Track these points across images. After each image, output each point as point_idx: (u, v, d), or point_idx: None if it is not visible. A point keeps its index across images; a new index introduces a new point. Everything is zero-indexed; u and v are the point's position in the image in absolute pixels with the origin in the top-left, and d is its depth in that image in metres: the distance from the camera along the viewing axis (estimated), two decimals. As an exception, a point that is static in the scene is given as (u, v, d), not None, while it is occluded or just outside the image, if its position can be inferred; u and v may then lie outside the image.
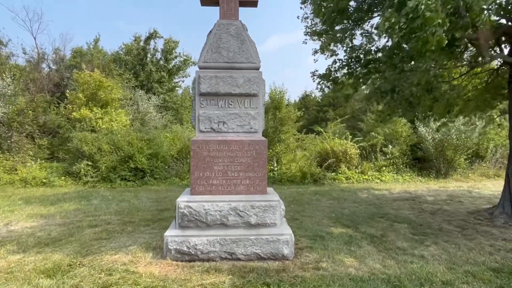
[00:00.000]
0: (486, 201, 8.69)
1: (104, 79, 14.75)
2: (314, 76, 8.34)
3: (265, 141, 4.90)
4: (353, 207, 8.08)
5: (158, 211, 7.64)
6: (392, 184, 12.11)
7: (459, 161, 13.58)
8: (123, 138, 12.12)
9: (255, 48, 5.00)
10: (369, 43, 7.17)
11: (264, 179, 4.89)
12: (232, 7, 4.96)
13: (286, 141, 13.85)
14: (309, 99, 32.26)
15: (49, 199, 9.00)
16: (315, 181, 12.22)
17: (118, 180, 11.46)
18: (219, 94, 4.88)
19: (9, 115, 13.05)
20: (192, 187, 4.82)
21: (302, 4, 9.06)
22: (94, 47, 23.43)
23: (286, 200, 8.59)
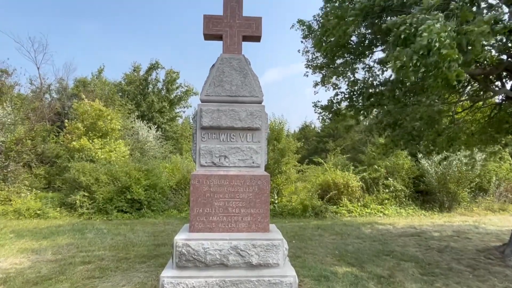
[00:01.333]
0: (495, 237, 8.41)
1: (104, 108, 14.78)
2: (316, 107, 8.33)
3: (268, 176, 4.75)
4: (357, 243, 7.79)
5: (154, 246, 7.34)
6: (396, 218, 11.81)
7: (462, 194, 13.34)
8: (121, 169, 11.94)
9: (258, 82, 4.97)
10: (371, 77, 7.19)
11: (267, 216, 4.70)
12: (235, 41, 4.98)
13: (287, 172, 13.66)
14: (308, 129, 32.35)
15: (42, 232, 8.68)
16: (316, 214, 11.92)
17: (114, 212, 11.16)
18: (221, 127, 4.79)
19: (7, 144, 12.94)
20: (191, 224, 4.62)
21: (304, 39, 9.24)
22: (98, 77, 23.79)
23: (287, 235, 8.31)
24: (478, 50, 4.48)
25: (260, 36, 5.07)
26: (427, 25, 4.19)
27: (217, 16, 5.03)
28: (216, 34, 5.00)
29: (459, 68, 4.19)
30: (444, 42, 4.01)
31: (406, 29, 4.46)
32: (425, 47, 4.05)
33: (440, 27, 4.12)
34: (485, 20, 4.15)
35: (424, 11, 4.56)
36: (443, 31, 4.05)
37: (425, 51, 4.08)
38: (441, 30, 4.03)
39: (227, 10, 5.06)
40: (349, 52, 7.69)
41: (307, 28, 8.80)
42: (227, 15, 5.05)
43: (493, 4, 5.58)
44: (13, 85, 19.24)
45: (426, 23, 4.26)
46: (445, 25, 4.26)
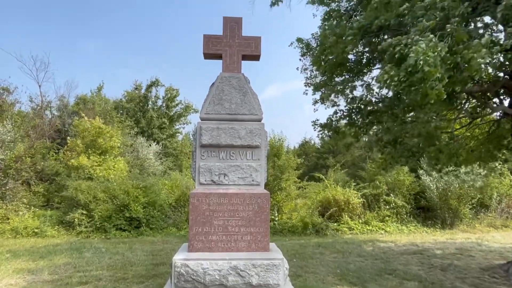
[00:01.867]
0: (498, 255, 8.29)
1: (104, 126, 14.81)
2: (315, 125, 8.36)
3: (268, 194, 4.71)
4: (359, 261, 7.67)
5: (153, 265, 7.23)
6: (397, 235, 11.68)
7: (464, 210, 13.23)
8: (119, 187, 11.87)
9: (257, 100, 5.00)
10: (369, 94, 7.25)
11: (267, 234, 4.64)
12: (234, 60, 5.04)
13: (287, 189, 13.58)
14: (308, 145, 32.40)
15: (39, 251, 8.56)
16: (317, 231, 11.79)
17: (113, 230, 11.03)
18: (221, 145, 4.79)
19: (6, 162, 12.90)
20: (190, 243, 4.55)
21: (302, 57, 9.37)
22: (98, 95, 23.97)
23: (288, 253, 8.19)
24: (474, 68, 4.55)
25: (259, 55, 5.13)
26: (417, 46, 4.32)
27: (217, 36, 5.10)
28: (215, 53, 5.06)
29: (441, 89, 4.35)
30: (429, 61, 4.14)
31: (400, 50, 4.57)
32: (412, 66, 4.19)
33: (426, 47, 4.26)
34: (482, 44, 4.24)
35: (419, 32, 4.65)
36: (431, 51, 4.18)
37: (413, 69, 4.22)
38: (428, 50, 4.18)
39: (227, 30, 5.13)
40: (348, 70, 7.79)
41: (305, 46, 8.94)
42: (227, 35, 5.12)
43: (489, 23, 5.70)
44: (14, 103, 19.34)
45: (417, 43, 4.38)
46: (436, 45, 4.38)
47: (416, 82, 4.56)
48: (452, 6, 4.89)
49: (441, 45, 4.28)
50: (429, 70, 4.26)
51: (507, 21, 5.20)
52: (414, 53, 4.20)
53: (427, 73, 4.29)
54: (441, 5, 4.85)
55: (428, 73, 4.28)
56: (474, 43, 4.43)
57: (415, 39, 4.40)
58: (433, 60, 4.27)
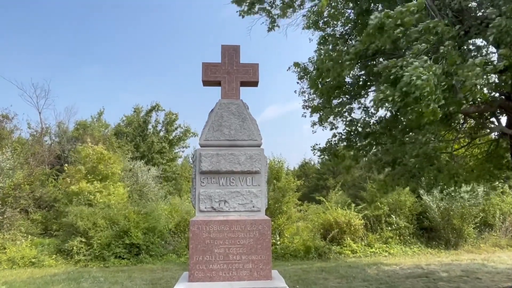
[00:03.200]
0: (505, 277, 8.11)
1: (106, 152, 14.81)
2: (314, 150, 8.37)
3: (269, 220, 4.66)
4: (363, 286, 7.50)
5: (152, 295, 7.06)
6: (402, 257, 11.47)
7: (467, 230, 13.06)
8: (119, 212, 11.74)
9: (256, 126, 5.03)
10: (367, 116, 7.31)
11: (269, 262, 4.55)
12: (233, 87, 5.10)
13: (288, 212, 13.43)
14: (308, 166, 32.31)
15: (36, 282, 8.36)
16: (319, 255, 11.58)
17: (111, 258, 10.81)
18: (221, 172, 4.77)
19: (5, 190, 12.81)
20: (191, 273, 4.45)
21: (299, 80, 9.49)
22: (98, 120, 24.11)
23: (290, 279, 8.01)
24: (468, 88, 4.62)
25: (257, 82, 5.20)
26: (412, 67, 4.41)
27: (215, 64, 5.18)
28: (214, 80, 5.13)
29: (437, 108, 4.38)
30: (422, 77, 4.21)
31: (395, 72, 4.65)
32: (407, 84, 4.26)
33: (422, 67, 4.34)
34: (476, 63, 4.32)
35: (414, 55, 4.75)
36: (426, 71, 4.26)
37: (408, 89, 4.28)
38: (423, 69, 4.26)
39: (225, 57, 5.23)
40: (345, 92, 7.88)
41: (302, 70, 9.08)
42: (225, 62, 5.20)
43: (481, 45, 5.83)
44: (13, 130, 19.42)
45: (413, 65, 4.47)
46: (431, 66, 4.46)
47: (411, 102, 4.61)
48: (445, 31, 5.01)
49: (436, 66, 4.36)
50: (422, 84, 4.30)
51: (498, 43, 5.33)
52: (408, 73, 4.28)
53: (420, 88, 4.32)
54: (435, 30, 4.97)
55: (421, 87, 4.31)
56: (468, 63, 4.51)
57: (410, 61, 4.48)
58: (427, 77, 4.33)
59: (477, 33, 5.48)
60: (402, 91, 4.54)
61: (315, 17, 8.67)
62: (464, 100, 5.16)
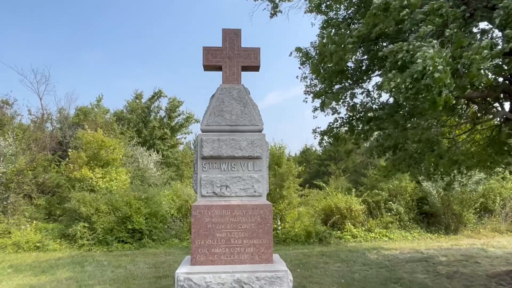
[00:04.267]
0: (505, 261, 8.20)
1: (107, 138, 14.81)
2: (315, 133, 8.34)
3: (270, 205, 4.69)
4: (364, 270, 7.59)
5: (155, 278, 7.17)
6: (402, 242, 11.58)
7: (467, 215, 13.12)
8: (121, 198, 11.83)
9: (257, 111, 5.00)
10: (369, 101, 7.25)
11: (270, 246, 4.60)
12: (234, 72, 5.05)
13: (289, 197, 13.51)
14: (309, 152, 32.33)
15: (41, 266, 8.50)
16: (320, 240, 11.70)
17: (115, 243, 10.96)
18: (222, 157, 4.77)
19: (7, 176, 12.89)
20: (193, 257, 4.51)
21: (301, 65, 9.39)
22: (97, 106, 24.05)
23: (291, 263, 8.12)
24: (474, 74, 4.55)
25: (258, 66, 5.14)
26: (422, 52, 4.30)
27: (216, 48, 5.12)
28: (215, 65, 5.08)
29: (449, 95, 4.29)
30: (438, 67, 4.11)
31: (403, 56, 4.55)
32: (420, 72, 4.15)
33: (434, 53, 4.23)
34: (483, 46, 4.24)
35: (420, 38, 4.66)
36: (438, 56, 4.15)
37: (419, 76, 4.18)
38: (435, 55, 4.13)
39: (226, 41, 5.16)
40: (347, 78, 7.80)
41: (304, 55, 8.97)
42: (226, 47, 5.14)
43: (486, 29, 5.71)
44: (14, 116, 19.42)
45: (422, 49, 4.36)
46: (440, 51, 4.36)
47: (422, 89, 4.52)
48: (450, 12, 4.90)
49: (444, 51, 4.27)
50: (440, 77, 4.21)
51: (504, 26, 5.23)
52: (421, 59, 4.16)
53: (437, 79, 4.24)
54: (439, 12, 4.86)
55: (438, 79, 4.23)
56: (475, 45, 4.42)
57: (417, 45, 4.39)
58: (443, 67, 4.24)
59: (483, 15, 5.37)
60: (413, 78, 4.44)
61: (318, 0, 8.51)
62: (468, 85, 5.10)
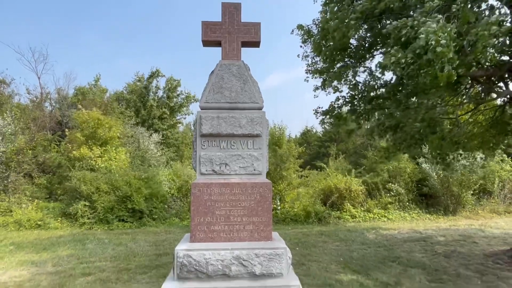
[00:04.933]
0: (502, 241, 8.27)
1: (103, 117, 14.71)
2: (317, 113, 8.25)
3: (270, 183, 4.65)
4: (362, 249, 7.66)
5: (156, 256, 7.24)
6: (400, 222, 11.67)
7: (466, 197, 13.19)
8: (121, 178, 11.85)
9: (258, 88, 4.89)
10: (372, 80, 7.12)
11: (269, 224, 4.59)
12: (234, 47, 4.92)
13: (288, 178, 13.54)
14: (310, 134, 32.26)
15: (42, 243, 8.59)
16: (319, 220, 11.79)
17: (115, 222, 11.06)
18: (221, 135, 4.70)
19: (7, 155, 12.88)
20: (192, 234, 4.51)
21: (303, 43, 9.19)
22: (95, 86, 23.81)
23: (291, 242, 8.19)
24: (480, 51, 4.43)
25: (259, 42, 5.00)
26: (426, 27, 4.18)
27: (216, 23, 4.96)
28: (214, 40, 4.94)
29: (452, 71, 4.18)
30: (441, 41, 4.00)
31: (407, 33, 4.43)
32: (422, 47, 4.05)
33: (438, 27, 4.11)
34: (492, 22, 4.10)
35: (425, 13, 4.51)
36: (441, 31, 4.03)
37: (422, 51, 4.07)
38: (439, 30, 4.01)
39: (226, 16, 5.00)
40: (349, 56, 7.64)
41: (306, 33, 8.76)
42: (226, 21, 4.99)
43: (494, 5, 5.53)
44: (12, 95, 19.25)
45: (426, 24, 4.24)
46: (444, 26, 4.23)
47: (424, 64, 4.43)
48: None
49: (449, 26, 4.14)
50: (442, 51, 4.11)
51: (511, 3, 5.06)
52: (424, 34, 4.05)
53: (439, 54, 4.13)
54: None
55: (440, 54, 4.12)
56: (483, 21, 4.29)
57: (422, 20, 4.26)
58: (446, 41, 4.12)
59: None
60: (415, 53, 4.33)
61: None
62: (474, 62, 4.98)
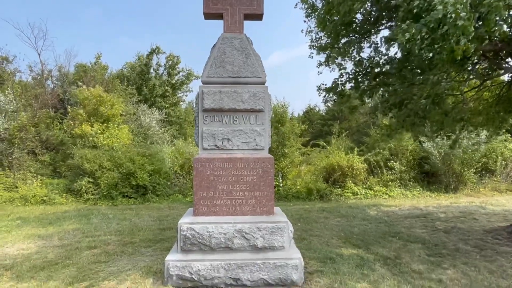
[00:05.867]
0: (502, 218, 8.33)
1: (105, 94, 14.64)
2: (320, 90, 8.15)
3: (272, 158, 4.66)
4: (363, 225, 7.76)
5: (160, 230, 7.36)
6: (401, 199, 11.76)
7: (468, 175, 13.22)
8: (123, 155, 11.92)
9: (260, 62, 4.82)
10: (377, 55, 6.98)
11: (271, 198, 4.64)
12: (236, 20, 4.81)
13: (290, 155, 13.58)
14: (313, 112, 32.12)
15: (48, 218, 8.74)
16: (321, 197, 11.90)
17: (119, 197, 11.21)
18: (223, 110, 4.68)
19: (10, 131, 12.93)
20: (195, 208, 4.57)
21: (306, 18, 8.96)
22: (96, 64, 23.58)
23: (292, 217, 8.29)
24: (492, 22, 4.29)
25: (262, 14, 4.88)
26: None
27: (217, -6, 4.83)
28: (216, 12, 4.83)
29: (468, 43, 4.04)
30: (460, 14, 3.85)
31: (419, 4, 4.28)
32: (437, 20, 3.89)
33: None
34: None
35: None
36: (459, 3, 3.88)
37: (436, 25, 3.92)
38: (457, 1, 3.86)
39: (228, -13, 4.86)
40: (354, 31, 7.46)
41: (310, 7, 8.53)
42: (228, -7, 4.85)
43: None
44: (14, 72, 19.13)
45: None
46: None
47: (438, 39, 4.29)
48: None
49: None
50: (463, 25, 3.95)
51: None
52: (441, 6, 3.89)
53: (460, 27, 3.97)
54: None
55: (461, 27, 3.97)
56: None
57: None
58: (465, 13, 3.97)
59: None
60: (429, 27, 4.18)
61: None
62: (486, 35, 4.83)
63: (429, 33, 4.07)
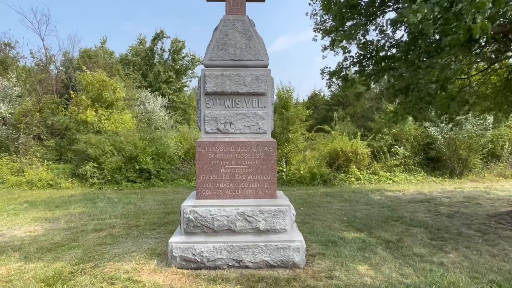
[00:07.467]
0: (506, 203, 8.31)
1: (108, 79, 14.62)
2: (323, 73, 8.05)
3: (274, 142, 4.65)
4: (366, 209, 7.78)
5: (164, 214, 7.45)
6: (405, 185, 11.75)
7: (474, 160, 13.14)
8: (126, 139, 11.98)
9: (263, 45, 4.75)
10: (383, 39, 6.85)
11: (274, 182, 4.65)
12: (238, 2, 4.72)
13: (295, 141, 13.56)
14: (318, 98, 31.81)
15: (54, 201, 8.88)
16: (324, 182, 11.92)
17: (124, 182, 11.33)
18: (226, 93, 4.65)
19: (15, 117, 13.03)
20: (198, 191, 4.60)
21: (311, 0, 8.80)
22: (102, 48, 23.47)
23: (295, 202, 8.34)
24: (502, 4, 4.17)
25: (264, -5, 4.79)
26: None
27: (219, -26, 4.74)
28: (218, -7, 4.75)
29: (485, 21, 3.91)
30: None
31: None
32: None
33: None
34: None
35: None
36: None
37: (448, 4, 3.80)
38: None
39: (230, -33, 4.76)
40: (360, 13, 7.31)
41: (315, -12, 8.36)
42: (230, -27, 4.75)
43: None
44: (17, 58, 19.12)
45: None
46: None
47: (452, 18, 4.16)
48: None
49: None
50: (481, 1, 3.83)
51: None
52: None
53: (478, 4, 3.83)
54: None
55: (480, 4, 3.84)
56: None
57: None
58: None
59: None
60: (442, 6, 4.05)
61: None
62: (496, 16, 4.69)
63: (441, 12, 3.95)
